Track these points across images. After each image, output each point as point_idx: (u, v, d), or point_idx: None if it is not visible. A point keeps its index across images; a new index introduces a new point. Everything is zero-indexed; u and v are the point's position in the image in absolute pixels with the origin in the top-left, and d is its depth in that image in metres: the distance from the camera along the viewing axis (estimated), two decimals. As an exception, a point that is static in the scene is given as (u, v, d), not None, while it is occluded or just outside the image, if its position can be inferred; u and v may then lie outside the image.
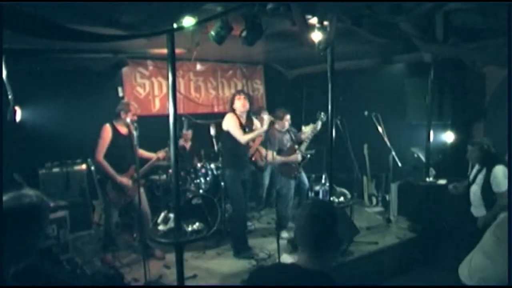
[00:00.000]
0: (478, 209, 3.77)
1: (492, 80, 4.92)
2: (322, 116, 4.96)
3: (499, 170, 3.53)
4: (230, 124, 4.33)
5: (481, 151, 3.70)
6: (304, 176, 5.31)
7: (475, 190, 3.77)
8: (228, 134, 4.34)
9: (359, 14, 3.48)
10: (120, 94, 5.77)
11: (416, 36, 4.10)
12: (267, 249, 4.53)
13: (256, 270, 1.74)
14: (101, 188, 4.21)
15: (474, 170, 3.86)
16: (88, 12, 3.00)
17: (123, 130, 4.14)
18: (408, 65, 5.72)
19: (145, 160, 4.36)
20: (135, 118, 4.13)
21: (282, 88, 7.14)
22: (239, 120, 4.37)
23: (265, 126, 4.24)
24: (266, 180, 5.98)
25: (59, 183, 4.83)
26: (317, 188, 4.37)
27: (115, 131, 4.09)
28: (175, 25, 3.08)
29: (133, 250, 4.53)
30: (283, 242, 4.48)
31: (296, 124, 5.46)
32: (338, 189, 4.63)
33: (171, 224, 3.31)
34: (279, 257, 3.98)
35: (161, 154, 4.32)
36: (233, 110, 4.40)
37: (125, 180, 4.13)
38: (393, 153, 5.41)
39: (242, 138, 4.27)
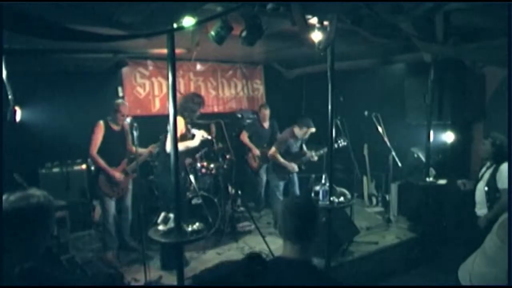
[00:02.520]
0: (481, 208, 3.73)
1: (492, 80, 4.91)
2: (322, 152, 5.21)
3: (506, 167, 3.48)
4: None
5: (493, 146, 3.64)
6: (295, 176, 5.34)
7: (480, 187, 3.73)
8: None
9: (359, 14, 3.48)
10: (120, 94, 5.78)
11: (416, 36, 4.09)
12: (266, 249, 4.53)
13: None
14: (94, 184, 4.37)
15: (484, 168, 3.80)
16: (88, 12, 3.00)
17: (115, 127, 4.37)
18: (408, 65, 5.72)
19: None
20: (124, 118, 4.31)
21: (282, 88, 7.14)
22: (185, 128, 4.18)
23: (196, 142, 4.18)
24: (264, 180, 5.99)
25: (59, 183, 4.83)
26: (317, 188, 4.35)
27: (108, 127, 4.29)
28: (175, 25, 3.08)
29: (133, 250, 4.54)
30: (282, 242, 4.48)
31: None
32: (338, 189, 4.62)
33: (171, 224, 3.30)
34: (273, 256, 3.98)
35: (151, 148, 4.51)
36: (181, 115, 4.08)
37: (117, 174, 4.31)
38: (393, 153, 5.41)
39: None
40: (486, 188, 3.64)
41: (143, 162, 4.58)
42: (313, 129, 5.08)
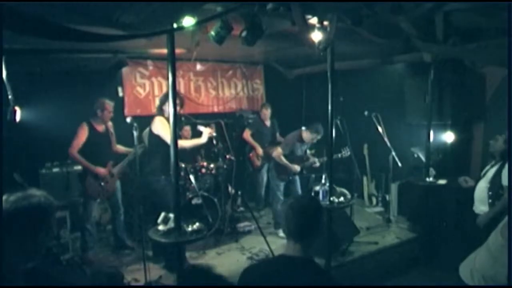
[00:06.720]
0: (481, 206, 3.69)
1: (492, 80, 4.91)
2: (325, 159, 5.09)
3: None
4: (161, 128, 3.94)
5: (505, 143, 3.60)
6: (296, 177, 5.33)
7: (482, 185, 3.70)
8: (159, 138, 3.99)
9: (359, 14, 3.48)
10: (120, 94, 5.77)
11: (416, 36, 4.09)
12: (266, 249, 4.53)
13: (248, 267, 1.85)
14: (80, 183, 4.39)
15: (488, 166, 3.77)
16: (88, 12, 2.99)
17: (100, 127, 4.35)
18: (408, 65, 5.71)
19: (123, 156, 4.55)
20: (111, 115, 4.34)
21: (282, 88, 7.12)
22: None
23: (204, 139, 4.16)
24: (265, 179, 5.99)
25: (59, 183, 4.83)
26: (317, 188, 4.36)
27: (91, 129, 4.27)
28: (175, 25, 3.08)
29: (133, 250, 4.54)
30: (282, 241, 4.48)
31: (296, 124, 5.49)
32: (338, 189, 4.62)
33: (171, 224, 3.30)
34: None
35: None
36: (162, 113, 4.05)
37: (101, 170, 4.28)
38: (393, 153, 5.41)
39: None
40: (489, 185, 3.58)
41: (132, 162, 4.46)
42: (320, 136, 5.03)
